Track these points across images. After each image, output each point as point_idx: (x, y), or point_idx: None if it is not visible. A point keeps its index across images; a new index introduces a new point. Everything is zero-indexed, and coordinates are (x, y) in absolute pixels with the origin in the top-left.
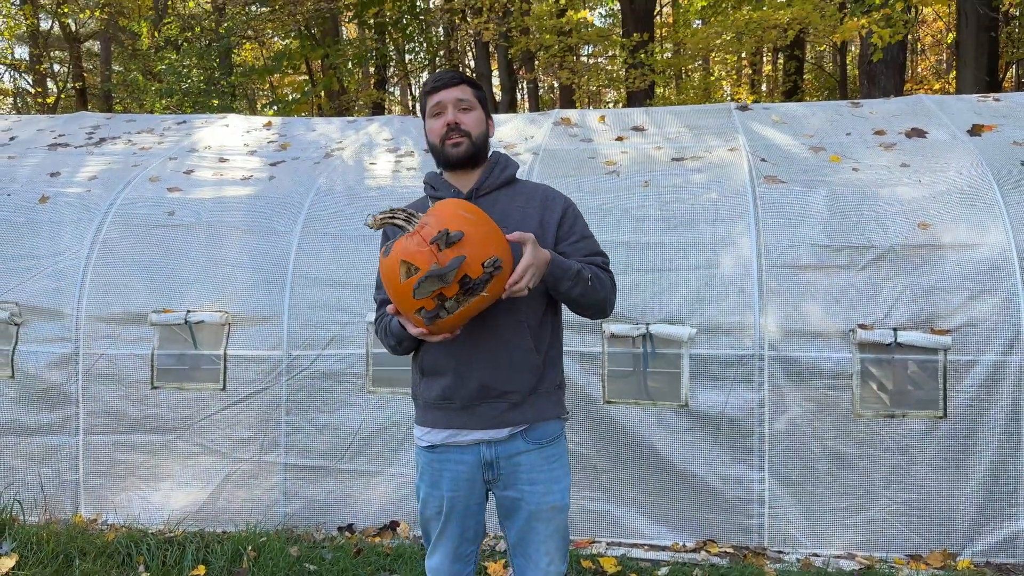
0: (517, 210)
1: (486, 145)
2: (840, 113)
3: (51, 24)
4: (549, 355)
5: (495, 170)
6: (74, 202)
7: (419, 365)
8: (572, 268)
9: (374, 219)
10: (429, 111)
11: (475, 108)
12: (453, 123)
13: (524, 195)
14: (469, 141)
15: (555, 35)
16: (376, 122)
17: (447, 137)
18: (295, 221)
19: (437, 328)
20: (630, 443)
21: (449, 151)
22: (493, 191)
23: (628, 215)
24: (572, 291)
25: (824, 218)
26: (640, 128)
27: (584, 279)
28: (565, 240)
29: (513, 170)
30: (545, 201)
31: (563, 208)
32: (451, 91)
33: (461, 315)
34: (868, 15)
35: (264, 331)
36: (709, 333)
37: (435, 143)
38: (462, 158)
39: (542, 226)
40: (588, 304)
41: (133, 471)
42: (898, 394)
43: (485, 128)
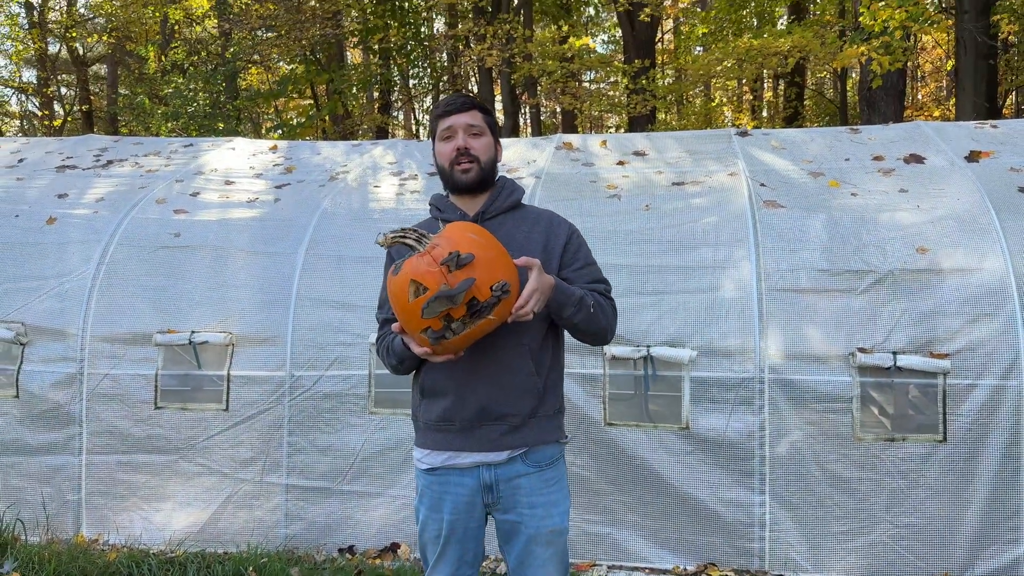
0: (522, 235)
1: (494, 170)
2: (839, 139)
3: (59, 48)
4: (550, 379)
5: (501, 194)
6: (81, 223)
7: (420, 386)
8: (575, 295)
9: (385, 237)
10: (439, 134)
11: (485, 134)
12: (463, 148)
13: (529, 220)
14: (478, 166)
15: (557, 61)
16: (380, 146)
17: (456, 162)
18: (299, 243)
19: (442, 349)
20: (631, 466)
21: (458, 176)
22: (499, 215)
23: (629, 238)
24: (574, 318)
25: (823, 242)
26: (641, 153)
27: (587, 306)
28: (569, 266)
29: (519, 195)
30: (550, 227)
31: (567, 234)
32: (462, 116)
33: (466, 337)
34: (867, 43)
35: (267, 352)
36: (710, 356)
37: (444, 167)
38: (471, 183)
39: (546, 251)
40: (589, 331)
41: (135, 491)
42: (898, 418)
43: (494, 153)
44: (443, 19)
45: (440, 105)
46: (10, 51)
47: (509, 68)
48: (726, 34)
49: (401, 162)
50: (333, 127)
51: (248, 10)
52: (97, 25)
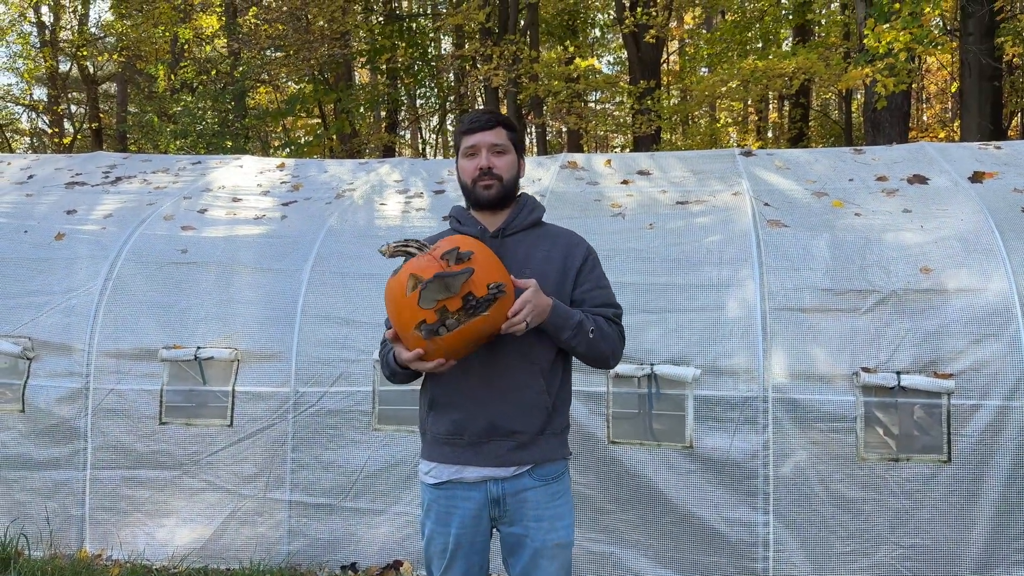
0: (541, 253)
1: (516, 187)
2: (843, 159)
3: (70, 66)
4: (559, 397)
5: (523, 212)
6: (89, 239)
7: (428, 398)
8: (573, 319)
9: (388, 247)
10: (463, 151)
11: (508, 152)
12: (486, 168)
13: (549, 238)
14: (500, 184)
15: (563, 82)
16: (387, 164)
17: (479, 179)
18: (305, 260)
19: (434, 348)
20: (634, 484)
21: (480, 193)
22: (519, 232)
23: (633, 256)
24: (572, 341)
25: (827, 262)
26: (645, 172)
27: (585, 331)
28: (580, 286)
29: (540, 213)
30: (569, 247)
31: (584, 255)
32: (486, 135)
33: (460, 335)
34: (872, 64)
35: (272, 368)
36: (714, 375)
37: (466, 183)
38: (492, 200)
39: (563, 271)
40: (589, 356)
41: (139, 506)
42: (902, 438)
43: (516, 171)
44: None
45: (465, 121)
46: (22, 69)
47: (515, 88)
48: (731, 55)
49: (407, 180)
50: (340, 146)
51: (257, 30)
52: (108, 44)
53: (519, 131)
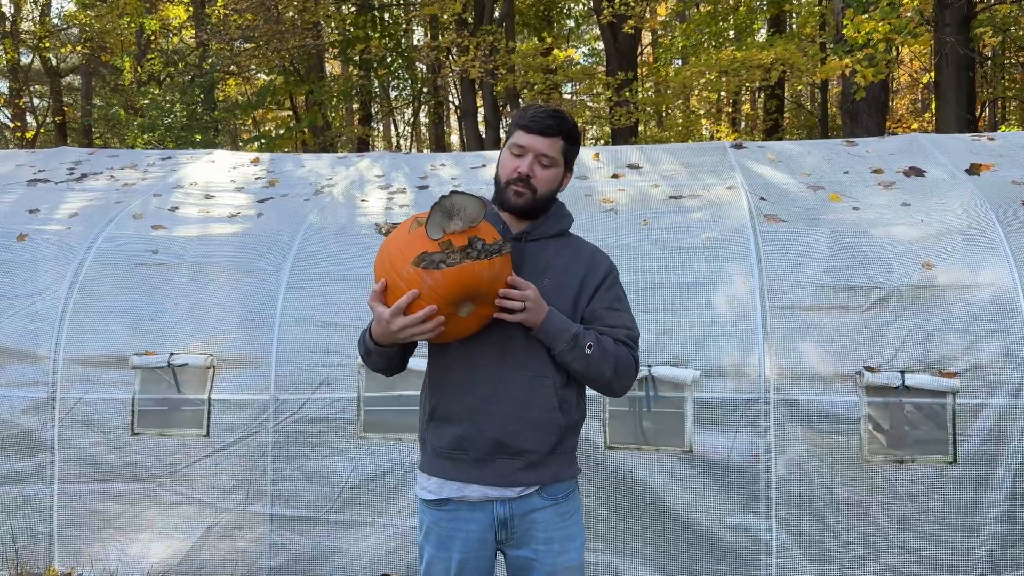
0: (562, 263)
1: (550, 202)
2: (836, 152)
3: (31, 59)
4: (574, 416)
5: (550, 219)
6: (53, 240)
7: (430, 408)
8: (569, 331)
9: (387, 224)
10: (511, 145)
11: (556, 166)
12: (524, 175)
13: (572, 249)
14: (532, 196)
15: (541, 73)
16: (367, 158)
17: (513, 182)
18: (284, 260)
19: (431, 284)
20: (632, 490)
21: (509, 197)
22: (543, 239)
23: (627, 254)
24: (567, 356)
25: (827, 258)
26: (635, 165)
27: (581, 346)
28: (594, 303)
29: (567, 223)
30: (591, 262)
31: (605, 272)
32: (540, 141)
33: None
34: (851, 55)
35: (250, 374)
36: (712, 376)
37: (501, 179)
38: (518, 210)
39: (583, 285)
40: (589, 377)
41: (111, 522)
42: (907, 439)
43: (556, 187)
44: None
45: (527, 114)
46: None
47: (492, 80)
48: (707, 47)
49: (389, 175)
50: (313, 139)
51: (226, 20)
52: (71, 36)
53: (579, 143)
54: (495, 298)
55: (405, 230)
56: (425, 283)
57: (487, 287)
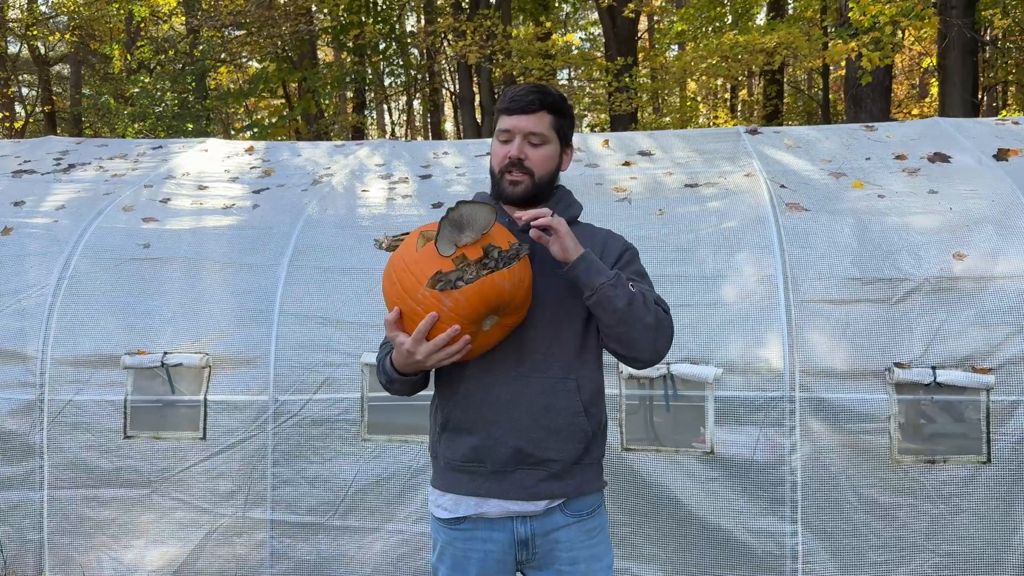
0: None
1: (551, 184)
2: (855, 137)
3: (19, 47)
4: (598, 421)
5: (559, 207)
6: (40, 233)
7: (440, 418)
8: (608, 274)
9: (386, 238)
10: (497, 132)
11: (548, 142)
12: (516, 158)
13: (585, 235)
14: (530, 181)
15: (539, 58)
16: (366, 147)
17: (507, 170)
18: (282, 253)
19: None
20: (650, 494)
21: (506, 187)
22: None
23: (643, 245)
24: (609, 291)
25: (853, 248)
26: (647, 152)
27: (624, 283)
28: None
29: (577, 211)
30: (605, 245)
31: (620, 250)
32: (525, 119)
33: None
34: (857, 38)
35: (248, 374)
36: (735, 373)
37: (495, 170)
38: (517, 199)
39: None
40: (629, 323)
41: (103, 529)
42: (938, 438)
43: (555, 166)
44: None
45: (505, 97)
46: None
47: (490, 65)
48: (705, 31)
49: (389, 164)
50: (307, 127)
51: (217, 6)
52: (60, 23)
53: (571, 115)
54: (518, 306)
55: (412, 248)
56: (445, 305)
57: (510, 296)
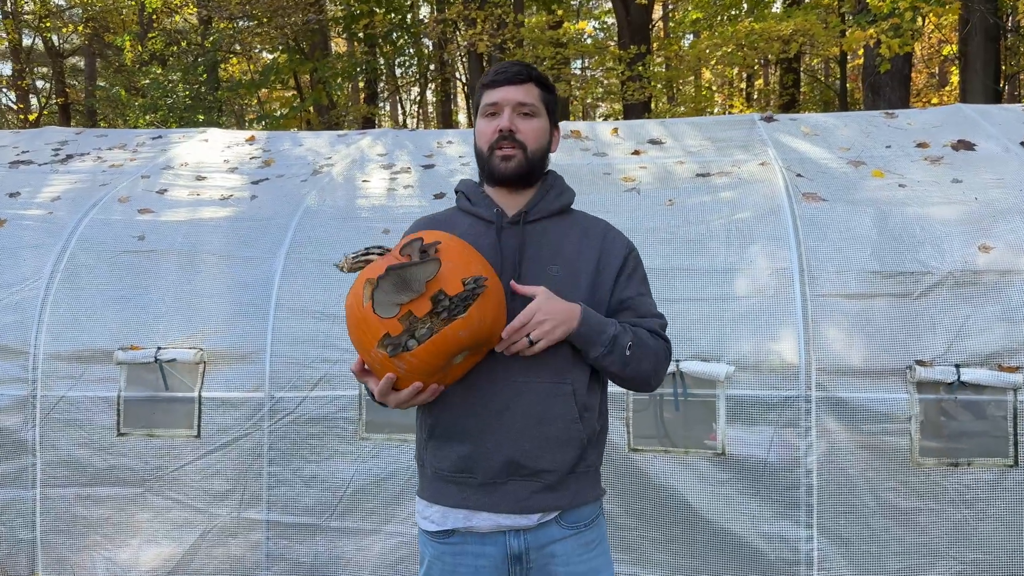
0: (571, 246)
1: (544, 162)
2: (874, 124)
3: (33, 39)
4: (597, 426)
5: (550, 194)
6: (34, 225)
7: (427, 425)
8: (607, 332)
9: (346, 260)
10: (482, 109)
11: (538, 115)
12: (507, 130)
13: (580, 227)
14: (523, 155)
15: (551, 47)
16: (368, 136)
17: (497, 145)
18: (279, 246)
19: (406, 368)
20: (658, 497)
21: (496, 164)
22: (544, 218)
23: (652, 237)
24: (604, 360)
25: (873, 240)
26: (657, 141)
27: (622, 347)
28: (623, 291)
29: (570, 197)
30: (605, 241)
31: (625, 253)
32: (513, 90)
33: (435, 348)
34: (876, 25)
35: (243, 370)
36: (748, 371)
37: (482, 150)
38: (509, 174)
39: (599, 270)
40: (625, 378)
41: (97, 528)
42: (962, 440)
43: (547, 141)
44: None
45: (489, 73)
46: None
47: (501, 54)
48: (721, 19)
49: (392, 153)
50: (318, 118)
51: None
52: (74, 16)
53: (555, 92)
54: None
55: (360, 300)
56: (400, 367)
57: (472, 340)
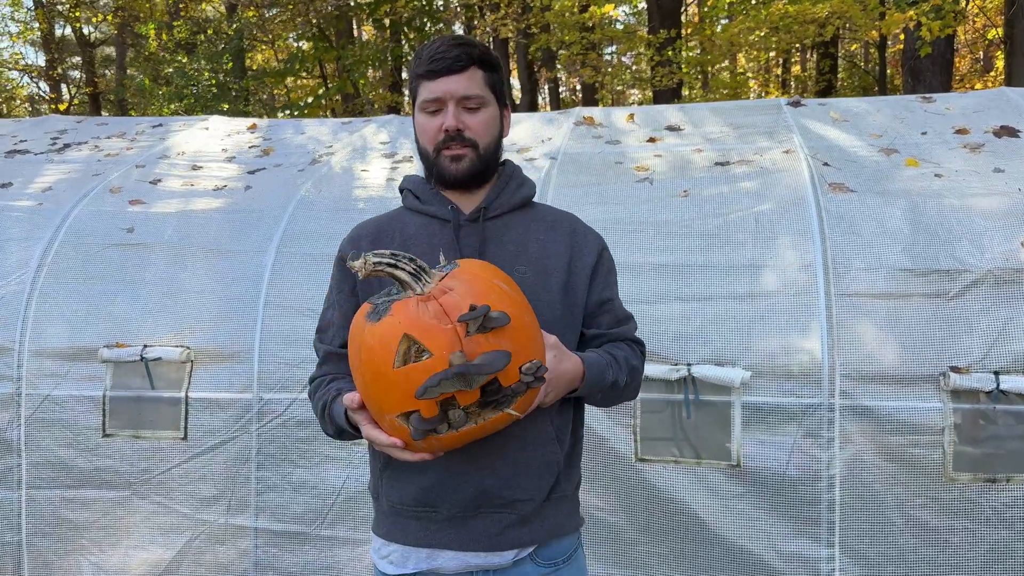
0: (536, 243)
1: (497, 155)
2: (910, 109)
3: (63, 29)
4: (573, 446)
5: (509, 186)
6: (22, 217)
7: (381, 453)
8: (606, 378)
9: (364, 261)
10: (421, 104)
11: (487, 105)
12: (454, 129)
13: (545, 223)
14: (474, 154)
15: (578, 31)
16: (373, 123)
17: (444, 146)
18: (270, 239)
19: (423, 446)
20: (668, 510)
21: (446, 167)
22: (505, 213)
23: (663, 230)
24: (595, 399)
25: (905, 235)
26: (675, 127)
27: (618, 389)
28: (597, 295)
29: (531, 189)
30: (574, 236)
31: (597, 251)
32: (454, 81)
33: (466, 437)
34: (916, 6)
35: (231, 370)
36: (765, 377)
37: (427, 150)
38: (461, 177)
39: (570, 270)
40: (609, 405)
41: (83, 532)
42: (1000, 453)
43: (499, 132)
44: None
45: (423, 58)
46: (13, 32)
47: (526, 40)
48: (756, 1)
49: (395, 141)
50: (343, 107)
51: None
52: (105, 6)
53: (500, 68)
54: None
55: (389, 357)
56: (416, 444)
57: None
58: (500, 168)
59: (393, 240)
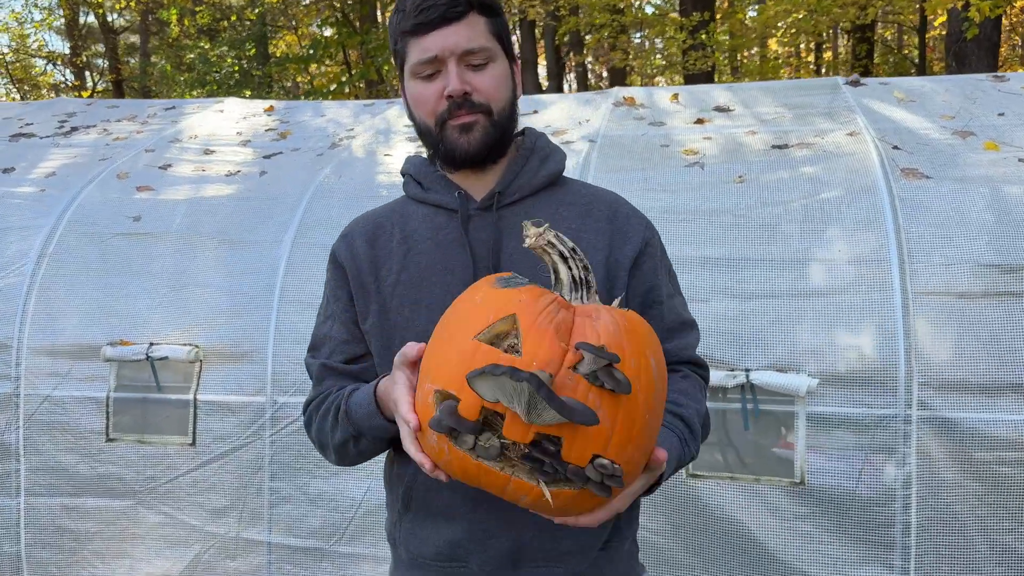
0: (565, 233)
1: (513, 120)
2: (981, 89)
3: (86, 16)
4: None
5: (531, 161)
6: (24, 204)
7: (401, 493)
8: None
9: (540, 234)
10: (413, 68)
11: (495, 59)
12: (459, 95)
13: (578, 207)
14: (487, 121)
15: (608, 14)
16: (396, 105)
17: (449, 115)
18: (286, 229)
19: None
20: (723, 531)
21: (455, 140)
22: (526, 197)
23: (717, 221)
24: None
25: (990, 227)
26: (724, 108)
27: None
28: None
29: (558, 164)
30: (614, 222)
31: (643, 238)
32: (452, 32)
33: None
34: None
35: (243, 371)
36: (833, 384)
37: (427, 124)
38: (477, 151)
39: (608, 265)
40: None
41: (86, 543)
42: None
43: (512, 91)
44: None
45: (408, 9)
46: (37, 19)
47: (554, 22)
48: None
49: None
50: (367, 92)
51: None
52: None
53: (503, 12)
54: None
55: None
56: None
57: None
58: (519, 139)
59: (392, 238)
